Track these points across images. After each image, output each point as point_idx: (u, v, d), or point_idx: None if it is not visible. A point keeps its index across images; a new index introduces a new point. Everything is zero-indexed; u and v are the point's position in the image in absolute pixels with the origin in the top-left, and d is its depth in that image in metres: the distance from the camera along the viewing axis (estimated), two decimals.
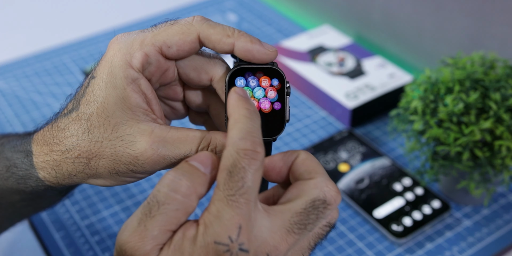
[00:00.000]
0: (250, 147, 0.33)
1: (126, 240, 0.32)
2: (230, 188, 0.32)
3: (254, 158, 0.33)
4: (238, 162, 0.32)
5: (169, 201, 0.33)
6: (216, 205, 0.32)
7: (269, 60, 0.39)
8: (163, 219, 0.32)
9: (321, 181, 0.35)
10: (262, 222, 0.33)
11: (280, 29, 1.06)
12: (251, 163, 0.32)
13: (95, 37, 1.06)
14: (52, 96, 0.92)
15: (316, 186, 0.35)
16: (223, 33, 0.39)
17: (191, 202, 0.33)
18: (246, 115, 0.34)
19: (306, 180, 0.36)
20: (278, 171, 0.37)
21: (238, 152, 0.32)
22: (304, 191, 0.35)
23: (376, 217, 0.69)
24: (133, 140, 0.39)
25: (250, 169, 0.32)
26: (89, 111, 0.39)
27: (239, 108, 0.35)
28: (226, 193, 0.32)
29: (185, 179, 0.33)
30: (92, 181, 0.42)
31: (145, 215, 0.33)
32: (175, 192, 0.33)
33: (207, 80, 0.42)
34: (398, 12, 0.90)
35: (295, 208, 0.34)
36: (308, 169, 0.36)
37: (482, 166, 0.61)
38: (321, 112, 0.87)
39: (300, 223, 0.34)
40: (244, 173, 0.32)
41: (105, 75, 0.39)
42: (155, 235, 0.32)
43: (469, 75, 0.63)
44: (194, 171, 0.34)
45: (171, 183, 0.33)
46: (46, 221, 0.71)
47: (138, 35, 0.40)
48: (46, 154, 0.41)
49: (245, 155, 0.32)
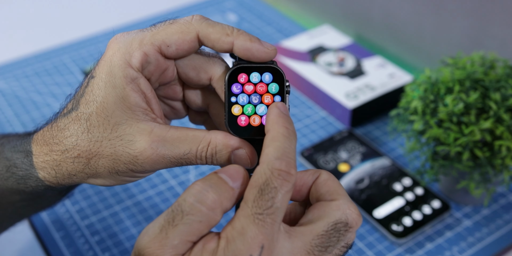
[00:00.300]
0: (285, 168, 0.33)
1: (146, 245, 0.32)
2: (259, 207, 0.32)
3: (287, 180, 0.32)
4: (271, 181, 0.32)
5: (193, 212, 0.32)
6: (241, 221, 0.32)
7: (268, 59, 0.39)
8: (185, 230, 0.32)
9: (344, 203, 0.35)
10: (283, 244, 0.33)
11: (280, 29, 1.06)
12: (284, 185, 0.32)
13: (95, 37, 1.06)
14: (52, 96, 0.92)
15: (338, 208, 0.35)
16: (222, 32, 0.39)
17: (215, 216, 0.33)
18: (285, 135, 0.34)
19: (328, 202, 0.35)
20: (298, 189, 0.37)
21: (273, 171, 0.32)
22: (326, 212, 0.35)
23: (376, 217, 0.69)
24: (132, 140, 0.39)
25: (282, 190, 0.32)
26: (88, 110, 0.39)
27: (278, 126, 0.35)
28: (254, 211, 0.32)
29: (213, 192, 0.33)
30: (92, 180, 0.42)
31: (168, 222, 0.32)
32: (201, 203, 0.32)
33: (207, 79, 0.42)
34: (398, 12, 0.90)
35: (316, 231, 0.34)
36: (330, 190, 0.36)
37: (482, 166, 0.61)
38: (321, 112, 0.87)
39: (321, 245, 0.34)
40: (275, 194, 0.32)
41: (104, 75, 0.39)
42: (175, 245, 0.32)
43: (469, 75, 0.63)
44: (222, 184, 0.34)
45: (198, 194, 0.33)
46: (46, 221, 0.71)
47: (137, 35, 0.40)
48: (46, 154, 0.41)
49: (279, 176, 0.32)
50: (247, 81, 0.39)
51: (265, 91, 0.39)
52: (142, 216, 0.71)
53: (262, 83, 0.39)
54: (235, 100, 0.39)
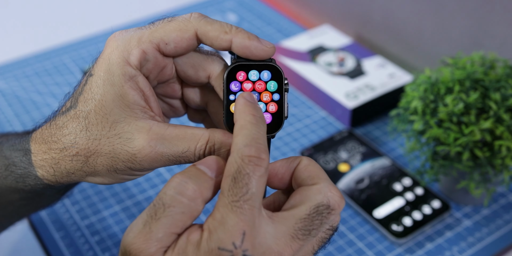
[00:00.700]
0: (254, 154, 0.33)
1: (131, 242, 0.32)
2: (235, 194, 0.32)
3: (259, 164, 0.33)
4: (242, 168, 0.32)
5: (175, 204, 0.33)
6: (221, 211, 0.32)
7: (267, 57, 0.39)
8: (168, 222, 0.32)
9: (325, 186, 0.35)
10: (266, 229, 0.33)
11: (280, 29, 1.06)
12: (256, 170, 0.33)
13: (95, 37, 1.06)
14: (52, 96, 0.92)
15: (319, 192, 0.35)
16: (221, 30, 0.39)
17: (197, 206, 0.33)
18: (252, 121, 0.35)
19: (309, 186, 0.36)
20: (280, 177, 0.37)
21: (243, 158, 0.33)
22: (308, 196, 0.35)
23: (376, 217, 0.69)
24: (131, 138, 0.39)
25: (255, 176, 0.32)
26: (87, 108, 0.39)
27: (245, 114, 0.35)
28: (230, 199, 0.32)
29: (192, 183, 0.33)
30: (90, 179, 0.42)
31: (151, 217, 0.33)
32: (181, 195, 0.33)
33: (205, 77, 0.42)
34: (398, 12, 0.90)
35: (299, 214, 0.34)
36: (311, 175, 0.36)
37: (482, 166, 0.61)
38: (321, 112, 0.87)
39: (304, 229, 0.34)
40: (248, 180, 0.32)
41: (102, 73, 0.39)
42: (159, 238, 0.32)
43: (469, 75, 0.63)
44: (201, 175, 0.34)
45: (177, 186, 0.33)
46: (46, 221, 0.71)
47: (135, 32, 0.40)
48: (44, 152, 0.41)
49: (250, 162, 0.33)
50: (246, 79, 0.39)
51: (263, 89, 0.39)
52: None
53: (260, 81, 0.39)
54: (234, 98, 0.39)
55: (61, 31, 1.10)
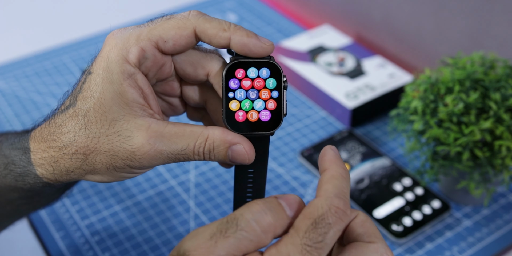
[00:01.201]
0: (342, 207, 0.33)
1: (193, 248, 0.32)
2: (310, 239, 0.32)
3: (342, 219, 0.33)
4: (327, 216, 0.33)
5: (248, 229, 0.33)
6: (288, 248, 0.32)
7: (265, 54, 0.39)
8: (235, 244, 0.32)
9: (382, 247, 0.35)
10: None
11: (280, 29, 1.06)
12: (338, 223, 0.33)
13: (95, 37, 1.06)
14: (52, 96, 0.92)
15: (376, 251, 0.35)
16: (219, 27, 0.39)
17: (266, 239, 0.33)
18: (343, 175, 0.35)
19: (366, 243, 0.35)
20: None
21: (331, 207, 0.33)
22: (364, 254, 0.35)
23: (376, 217, 0.69)
24: (130, 135, 0.39)
25: (335, 228, 0.33)
26: (86, 106, 0.39)
27: (337, 166, 0.35)
28: (304, 241, 0.32)
29: (271, 215, 0.33)
30: (90, 177, 0.42)
31: (220, 232, 0.33)
32: (257, 223, 0.33)
33: (204, 75, 0.42)
34: (398, 12, 0.90)
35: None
36: (368, 232, 0.36)
37: (482, 166, 0.61)
38: (321, 112, 0.87)
39: None
40: (328, 229, 0.32)
41: (101, 71, 0.39)
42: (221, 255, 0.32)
43: (469, 75, 0.63)
44: (280, 210, 0.34)
45: (256, 213, 0.33)
46: (46, 221, 0.71)
47: (134, 30, 0.40)
48: (43, 150, 0.41)
49: (336, 213, 0.33)
50: (245, 77, 0.39)
51: (262, 86, 0.39)
52: (142, 216, 0.71)
53: (259, 78, 0.39)
54: (233, 96, 0.39)
55: (61, 31, 1.10)
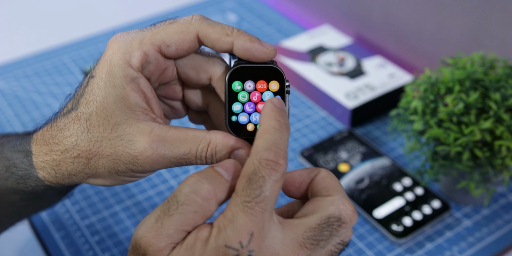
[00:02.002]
0: (273, 158, 0.33)
1: (142, 235, 0.33)
2: (248, 195, 0.32)
3: (275, 169, 0.33)
4: (259, 170, 0.33)
5: (188, 202, 0.33)
6: (232, 210, 0.32)
7: (268, 59, 0.39)
8: (180, 219, 0.33)
9: (339, 198, 0.35)
10: (275, 234, 0.33)
11: (280, 29, 1.06)
12: (272, 174, 0.33)
13: (95, 37, 1.06)
14: (52, 96, 0.92)
15: (332, 203, 0.35)
16: (222, 32, 0.39)
17: (210, 207, 0.34)
18: (275, 127, 0.35)
19: (323, 197, 0.36)
20: (297, 186, 0.37)
21: (260, 161, 0.33)
22: (320, 207, 0.35)
23: (376, 217, 0.69)
24: (132, 140, 0.39)
25: (270, 179, 0.33)
26: (88, 110, 0.39)
27: (270, 119, 0.35)
28: (243, 199, 0.32)
29: (207, 183, 0.34)
30: (92, 180, 0.42)
31: (164, 213, 0.33)
32: (196, 194, 0.33)
33: (206, 79, 0.42)
34: (398, 12, 0.90)
35: (309, 223, 0.34)
36: (327, 186, 0.36)
37: (482, 166, 0.61)
38: (321, 112, 0.87)
39: (313, 238, 0.34)
40: (263, 182, 0.32)
41: (104, 74, 0.39)
42: (170, 234, 0.33)
43: (469, 75, 0.63)
44: (217, 176, 0.34)
45: (193, 185, 0.33)
46: (46, 221, 0.71)
47: (137, 34, 0.40)
48: (45, 154, 0.41)
49: (267, 165, 0.33)
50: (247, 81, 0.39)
51: (265, 91, 0.39)
52: (142, 216, 0.71)
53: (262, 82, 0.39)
54: (235, 100, 0.39)
55: (61, 31, 1.10)
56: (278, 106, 0.36)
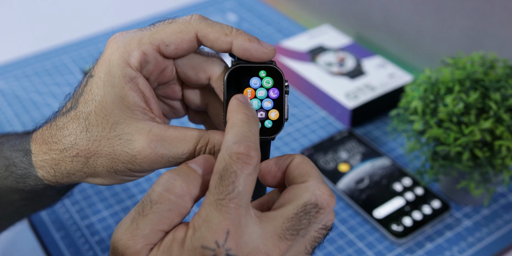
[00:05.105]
0: (243, 151, 0.32)
1: (119, 238, 0.32)
2: (220, 192, 0.31)
3: (247, 162, 0.32)
4: (230, 166, 0.32)
5: (162, 200, 0.32)
6: (206, 209, 0.32)
7: (267, 59, 0.39)
8: (155, 219, 0.32)
9: (313, 184, 0.34)
10: (253, 229, 0.32)
11: (280, 29, 1.06)
12: (244, 168, 0.32)
13: (95, 37, 1.06)
14: (52, 96, 0.92)
15: (307, 190, 0.34)
16: (221, 32, 0.39)
17: (185, 203, 0.33)
18: (243, 120, 0.34)
19: (298, 184, 0.35)
20: (273, 175, 0.37)
21: (231, 155, 0.32)
22: (295, 195, 0.34)
23: (376, 217, 0.69)
24: (131, 139, 0.39)
25: (242, 174, 0.32)
26: (87, 109, 0.39)
27: (237, 113, 0.35)
28: (216, 197, 0.31)
29: (180, 180, 0.33)
30: (91, 180, 0.42)
31: (138, 213, 0.33)
32: (169, 192, 0.32)
33: (206, 79, 0.42)
34: (398, 12, 0.90)
35: (286, 214, 0.33)
36: (302, 172, 0.35)
37: (482, 166, 0.61)
38: (321, 112, 0.87)
39: (292, 228, 0.33)
40: (235, 178, 0.32)
41: (103, 74, 0.39)
42: (146, 234, 0.32)
43: (469, 75, 0.63)
44: (190, 172, 0.34)
45: (165, 183, 0.33)
46: (46, 221, 0.71)
47: (136, 34, 0.40)
48: (45, 153, 0.41)
49: (238, 159, 0.32)
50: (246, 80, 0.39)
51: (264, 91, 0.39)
52: None
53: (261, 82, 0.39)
54: None
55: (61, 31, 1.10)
56: (243, 101, 0.35)
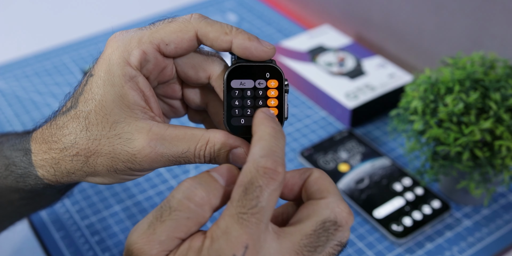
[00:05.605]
0: (271, 166, 0.32)
1: (134, 241, 0.32)
2: (243, 206, 0.31)
3: (273, 178, 0.32)
4: (256, 180, 0.32)
5: (181, 208, 0.32)
6: (226, 221, 0.31)
7: (267, 58, 0.39)
8: (173, 225, 0.32)
9: (333, 201, 0.34)
10: (271, 244, 0.32)
11: (280, 29, 1.06)
12: (270, 183, 0.32)
13: (95, 37, 1.06)
14: (52, 96, 0.92)
15: (327, 207, 0.34)
16: (221, 31, 0.39)
17: (204, 213, 0.33)
18: (271, 134, 0.34)
19: (317, 200, 0.35)
20: (290, 188, 0.36)
21: (258, 169, 0.32)
22: (315, 211, 0.34)
23: (376, 217, 0.69)
24: (131, 138, 0.39)
25: (268, 189, 0.32)
26: (87, 109, 0.39)
27: (264, 126, 0.34)
28: (238, 210, 0.31)
29: (201, 189, 0.33)
30: (91, 179, 0.42)
31: (156, 218, 0.32)
32: (189, 200, 0.32)
33: (205, 78, 0.42)
34: (398, 12, 0.90)
35: (305, 230, 0.33)
36: (321, 188, 0.35)
37: (482, 166, 0.61)
38: (321, 112, 0.87)
39: (310, 245, 0.33)
40: (260, 192, 0.31)
41: (103, 73, 0.39)
42: (162, 240, 0.32)
43: (469, 75, 0.63)
44: (212, 182, 0.33)
45: (186, 191, 0.33)
46: (46, 221, 0.71)
47: (136, 33, 0.40)
48: (44, 152, 0.41)
49: (265, 174, 0.32)
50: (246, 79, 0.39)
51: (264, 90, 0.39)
52: (142, 216, 0.71)
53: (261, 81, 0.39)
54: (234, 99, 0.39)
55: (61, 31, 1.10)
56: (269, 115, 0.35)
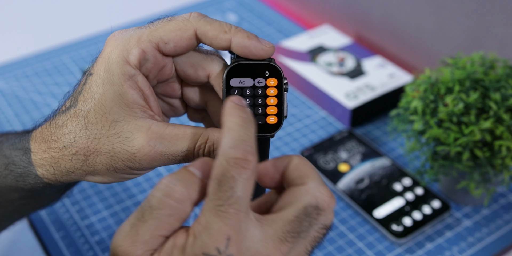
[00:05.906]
0: (240, 156, 0.32)
1: (118, 244, 0.32)
2: (219, 198, 0.31)
3: (245, 167, 0.32)
4: (227, 171, 0.31)
5: (162, 206, 0.32)
6: (205, 215, 0.31)
7: (266, 56, 0.39)
8: (155, 224, 0.32)
9: (313, 186, 0.34)
10: (254, 233, 0.32)
11: (280, 29, 1.06)
12: (242, 172, 0.31)
13: (95, 37, 1.06)
14: (52, 96, 0.92)
15: (307, 192, 0.34)
16: (220, 29, 0.39)
17: (185, 208, 0.32)
18: (239, 123, 0.33)
19: (298, 186, 0.34)
20: (271, 177, 0.36)
21: (228, 161, 0.31)
22: (296, 197, 0.34)
23: (376, 217, 0.69)
24: (130, 137, 0.39)
25: (240, 178, 0.31)
26: (86, 107, 0.39)
27: (232, 116, 0.34)
28: (215, 203, 0.31)
29: (180, 185, 0.32)
30: (90, 178, 0.42)
31: (138, 219, 0.32)
32: (169, 197, 0.32)
33: (205, 76, 0.42)
34: (398, 12, 0.90)
35: (287, 217, 0.33)
36: (301, 174, 0.35)
37: (482, 166, 0.61)
38: (321, 112, 0.87)
39: (293, 231, 0.33)
40: (233, 183, 0.31)
41: (102, 72, 0.39)
42: (146, 240, 0.32)
43: (469, 75, 0.63)
44: (190, 176, 0.33)
45: (165, 188, 0.32)
46: (46, 221, 0.71)
47: (135, 32, 0.40)
48: (44, 151, 0.41)
49: (235, 164, 0.31)
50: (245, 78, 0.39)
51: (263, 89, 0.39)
52: None
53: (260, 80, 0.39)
54: None
55: (61, 31, 1.10)
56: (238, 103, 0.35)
